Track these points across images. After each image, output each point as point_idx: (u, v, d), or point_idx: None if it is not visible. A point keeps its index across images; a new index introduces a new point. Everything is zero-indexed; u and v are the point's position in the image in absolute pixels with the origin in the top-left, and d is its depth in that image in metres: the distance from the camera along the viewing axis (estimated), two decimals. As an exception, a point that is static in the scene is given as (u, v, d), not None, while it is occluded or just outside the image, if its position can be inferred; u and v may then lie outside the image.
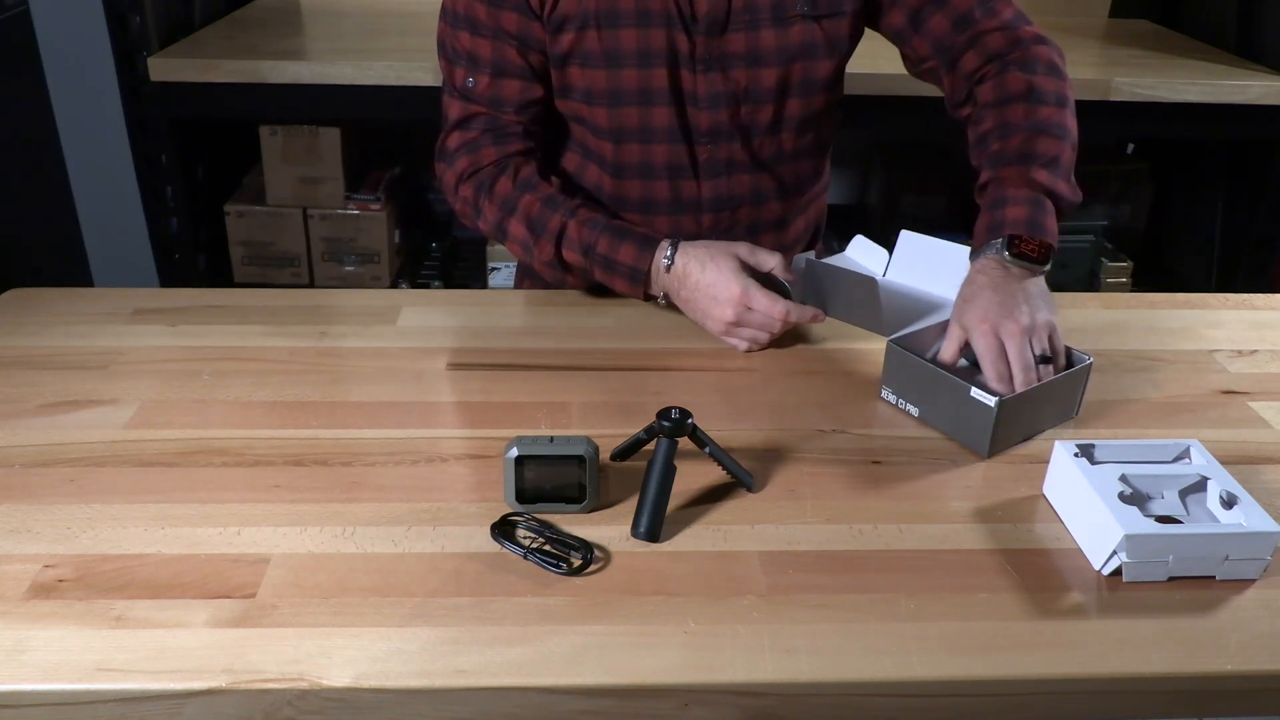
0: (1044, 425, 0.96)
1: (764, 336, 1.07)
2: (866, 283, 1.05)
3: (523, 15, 1.12)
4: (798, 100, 1.16)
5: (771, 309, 1.04)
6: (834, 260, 1.17)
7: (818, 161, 1.26)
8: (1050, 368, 0.94)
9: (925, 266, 1.10)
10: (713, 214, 1.21)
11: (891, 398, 0.99)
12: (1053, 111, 1.07)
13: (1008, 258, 0.98)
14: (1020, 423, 0.93)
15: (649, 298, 1.14)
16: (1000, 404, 0.88)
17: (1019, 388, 0.92)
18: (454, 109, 1.19)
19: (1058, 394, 0.95)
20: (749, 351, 1.08)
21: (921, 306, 1.07)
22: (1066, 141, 1.06)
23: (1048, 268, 0.99)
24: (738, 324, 1.06)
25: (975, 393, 0.90)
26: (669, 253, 1.10)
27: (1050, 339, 0.95)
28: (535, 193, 1.15)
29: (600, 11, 1.10)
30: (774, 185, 1.22)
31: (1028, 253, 0.98)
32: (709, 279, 1.07)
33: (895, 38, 1.19)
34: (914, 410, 0.97)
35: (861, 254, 1.17)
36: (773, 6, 1.11)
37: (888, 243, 1.16)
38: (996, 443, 0.91)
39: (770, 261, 1.08)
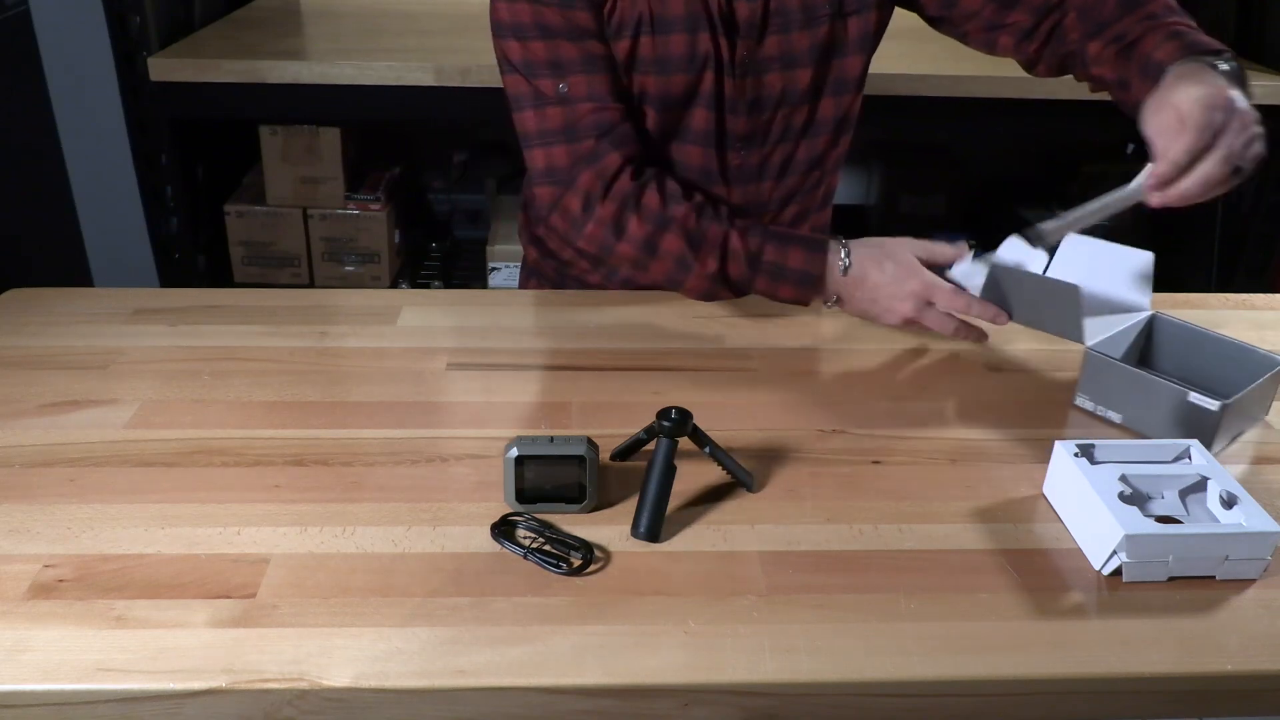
0: (1244, 428, 0.96)
1: (955, 329, 1.05)
2: (1067, 290, 1.04)
3: (592, 14, 1.08)
4: (831, 100, 1.17)
5: (953, 302, 1.03)
6: (985, 260, 1.16)
7: (839, 163, 1.27)
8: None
9: (1093, 269, 1.09)
10: (740, 219, 1.21)
11: (1089, 405, 0.99)
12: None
13: (1223, 65, 0.93)
14: (1237, 421, 0.93)
15: (805, 301, 1.10)
16: (1224, 407, 0.88)
17: (1195, 185, 0.87)
18: (551, 119, 1.09)
19: (1260, 396, 0.95)
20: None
21: (1110, 309, 1.06)
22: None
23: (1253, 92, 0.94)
24: (915, 319, 1.05)
25: (1195, 397, 0.90)
26: (844, 254, 1.07)
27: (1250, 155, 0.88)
28: (687, 203, 1.08)
29: (653, 17, 1.09)
30: (801, 190, 1.23)
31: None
32: (889, 277, 1.04)
33: (943, 4, 1.17)
34: (1116, 417, 0.97)
35: (1015, 256, 1.16)
36: (802, 9, 1.11)
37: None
38: (1219, 443, 0.91)
39: (948, 253, 1.06)
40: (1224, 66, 0.93)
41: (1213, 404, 0.89)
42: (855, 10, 1.13)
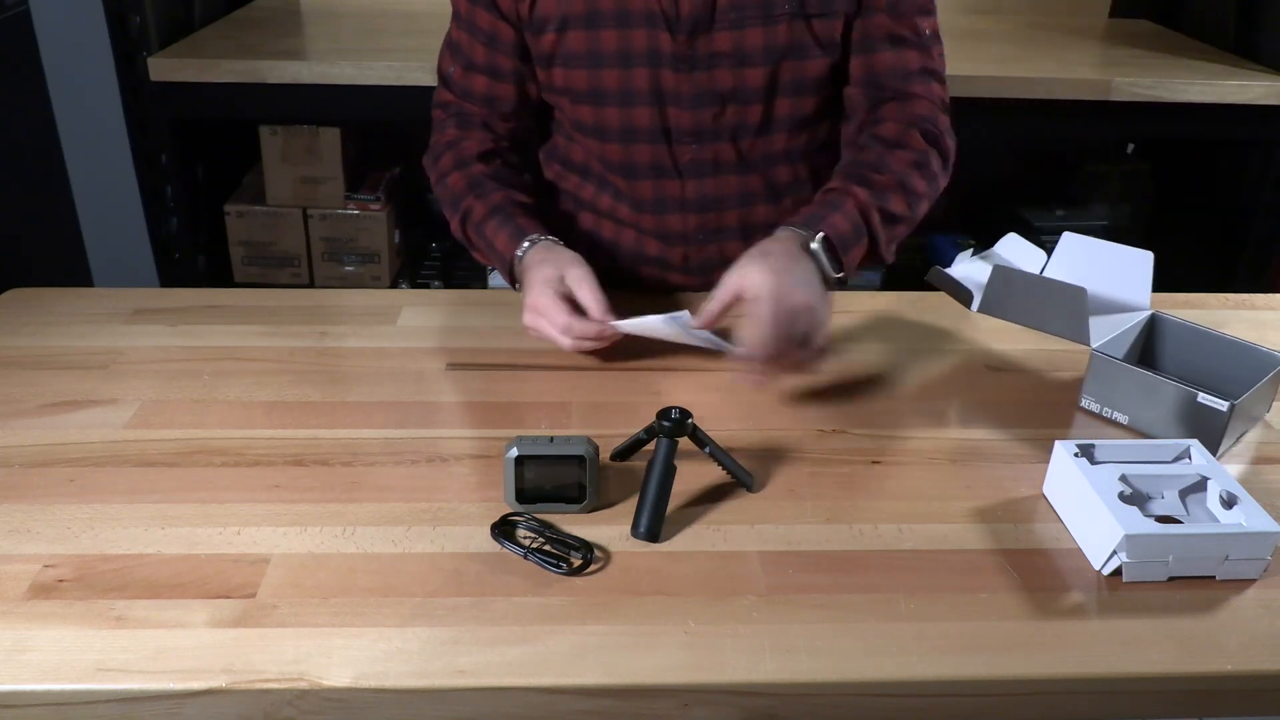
0: (1247, 428, 0.97)
1: (564, 342, 1.04)
2: (1073, 292, 1.04)
3: (493, 15, 1.13)
4: (788, 100, 1.15)
5: (553, 323, 1.02)
6: (984, 258, 1.16)
7: (817, 163, 1.24)
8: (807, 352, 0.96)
9: (1092, 269, 1.09)
10: (698, 214, 1.20)
11: (1095, 406, 0.99)
12: (924, 188, 1.13)
13: (814, 245, 1.01)
14: (1241, 421, 0.93)
15: (515, 286, 1.15)
16: (1232, 408, 0.88)
17: (767, 359, 0.93)
18: (437, 90, 1.24)
19: (1259, 399, 0.95)
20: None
21: (1110, 309, 1.06)
22: (914, 216, 1.13)
23: (832, 280, 1.02)
24: (534, 328, 1.05)
25: (1204, 398, 0.90)
26: (525, 246, 1.11)
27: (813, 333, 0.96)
28: (463, 171, 1.19)
29: (580, 13, 1.10)
30: (763, 186, 1.21)
31: (833, 258, 1.02)
32: (528, 279, 1.06)
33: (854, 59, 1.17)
34: (1122, 418, 0.97)
35: (1014, 252, 1.16)
36: (760, 4, 1.09)
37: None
38: (1225, 443, 0.91)
39: (584, 296, 1.03)
40: (813, 246, 1.01)
41: (1222, 404, 0.89)
42: (819, 13, 1.10)
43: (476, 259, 1.21)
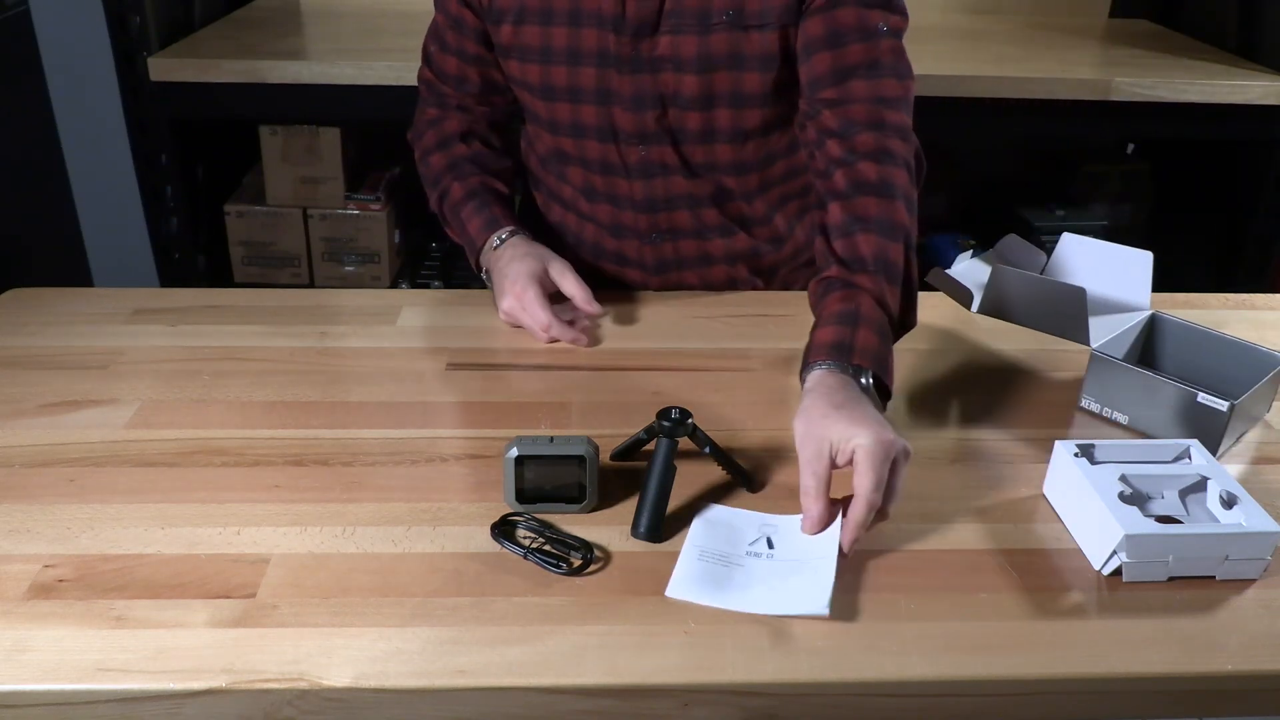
0: (1247, 428, 0.97)
1: (539, 334, 1.11)
2: (1072, 292, 1.03)
3: (459, 1, 1.17)
4: (727, 111, 1.12)
5: (534, 320, 1.10)
6: (984, 258, 1.16)
7: (769, 174, 1.21)
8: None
9: (1092, 269, 1.09)
10: (648, 214, 1.20)
11: (1095, 406, 0.99)
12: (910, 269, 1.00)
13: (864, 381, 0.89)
14: (1241, 421, 0.93)
15: (478, 270, 1.21)
16: (1232, 407, 0.88)
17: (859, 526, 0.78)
18: (421, 67, 1.29)
19: (1259, 399, 0.95)
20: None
21: (1110, 309, 1.06)
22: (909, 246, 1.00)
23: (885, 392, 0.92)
24: (511, 315, 1.13)
25: (1204, 397, 0.90)
26: (503, 235, 1.18)
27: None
28: (445, 151, 1.25)
29: (535, 8, 1.11)
30: (711, 192, 1.19)
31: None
32: (511, 270, 1.13)
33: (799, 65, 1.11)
34: (1122, 418, 0.97)
35: (1014, 252, 1.15)
36: (698, 13, 1.08)
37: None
38: (1225, 443, 0.91)
39: (569, 287, 1.13)
40: (864, 381, 0.88)
41: (1222, 404, 0.89)
42: (758, 25, 1.08)
43: (449, 235, 1.27)
